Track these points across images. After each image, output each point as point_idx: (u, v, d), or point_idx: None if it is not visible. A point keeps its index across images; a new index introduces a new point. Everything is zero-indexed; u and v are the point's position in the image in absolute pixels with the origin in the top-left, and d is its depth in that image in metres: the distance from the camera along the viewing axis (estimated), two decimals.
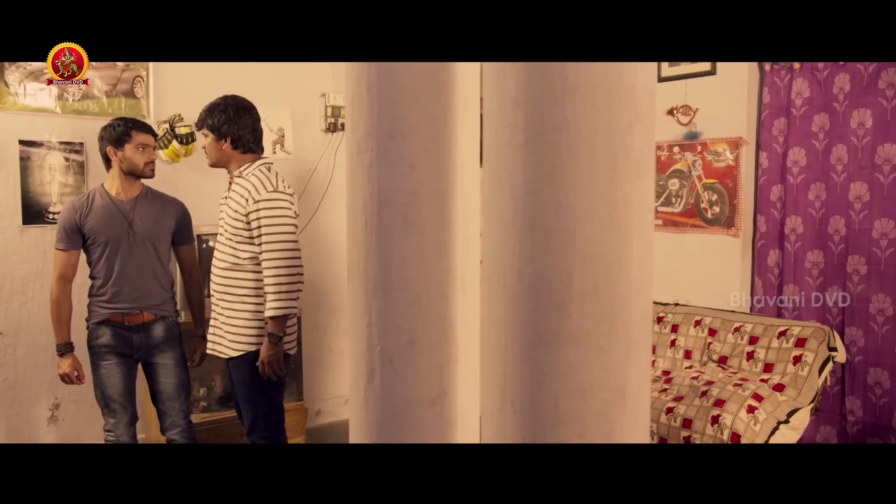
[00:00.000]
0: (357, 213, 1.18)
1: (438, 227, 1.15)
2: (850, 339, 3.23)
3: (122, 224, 2.76)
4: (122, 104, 3.43)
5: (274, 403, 2.74)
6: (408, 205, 1.14)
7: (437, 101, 1.14)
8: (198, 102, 2.78)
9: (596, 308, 0.90)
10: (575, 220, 0.89)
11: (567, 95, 0.88)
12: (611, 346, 0.91)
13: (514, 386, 0.94)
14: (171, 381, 2.83)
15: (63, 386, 3.37)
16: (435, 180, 1.14)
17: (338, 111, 4.00)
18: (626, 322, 0.92)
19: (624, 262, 0.91)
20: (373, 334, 1.18)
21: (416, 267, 1.15)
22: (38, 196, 3.29)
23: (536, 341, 0.92)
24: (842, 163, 3.19)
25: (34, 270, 3.27)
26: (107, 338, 2.77)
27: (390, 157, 1.14)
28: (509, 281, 0.93)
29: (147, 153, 2.75)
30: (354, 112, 1.18)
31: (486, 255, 0.98)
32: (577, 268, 0.90)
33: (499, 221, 0.94)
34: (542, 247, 0.90)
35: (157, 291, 2.86)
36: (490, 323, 0.98)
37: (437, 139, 1.14)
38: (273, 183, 2.60)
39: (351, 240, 1.21)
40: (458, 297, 1.17)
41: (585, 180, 0.89)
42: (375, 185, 1.15)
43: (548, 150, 0.89)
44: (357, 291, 1.19)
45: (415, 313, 1.15)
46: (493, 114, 0.95)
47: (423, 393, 1.17)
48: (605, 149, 0.89)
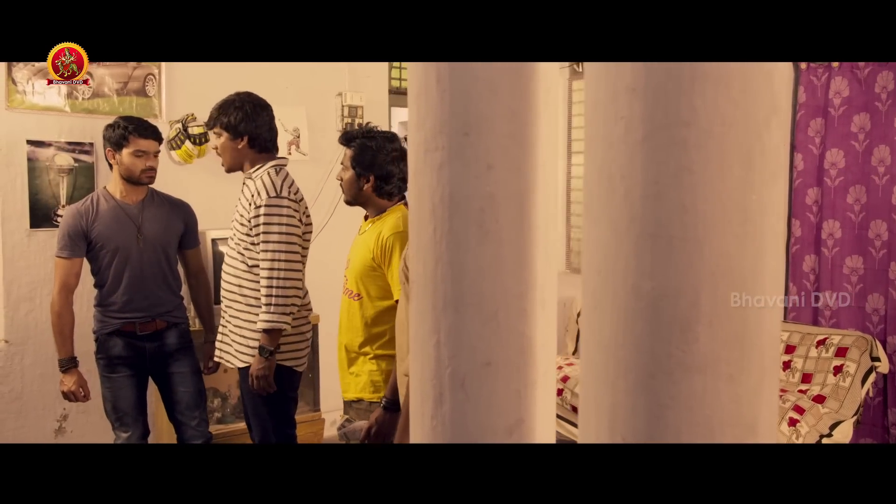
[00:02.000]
0: (424, 219, 1.05)
1: (517, 235, 1.02)
2: (893, 349, 3.10)
3: (131, 229, 2.62)
4: (133, 103, 3.30)
5: (285, 417, 2.64)
6: (484, 209, 1.01)
7: (516, 91, 1.01)
8: (211, 101, 2.66)
9: (727, 330, 0.77)
10: (704, 229, 0.77)
11: (696, 82, 0.75)
12: (741, 375, 0.79)
13: (626, 420, 0.81)
14: (188, 389, 2.71)
15: None
16: (514, 182, 1.01)
17: (354, 111, 3.87)
18: (758, 347, 0.79)
19: (758, 277, 0.78)
20: (442, 355, 1.05)
21: (493, 279, 1.02)
22: (47, 198, 3.16)
23: (656, 369, 0.79)
24: (884, 164, 3.07)
25: (42, 276, 3.14)
26: (119, 349, 2.64)
27: (464, 156, 1.01)
28: (622, 298, 0.80)
29: (145, 160, 2.61)
30: (421, 105, 1.05)
31: (590, 268, 0.85)
32: (705, 283, 0.77)
33: (609, 229, 0.82)
34: (664, 259, 0.77)
35: (168, 298, 2.74)
36: (595, 347, 0.85)
37: (516, 135, 1.01)
38: (277, 187, 2.48)
39: (416, 249, 1.08)
40: (537, 313, 1.05)
41: (717, 182, 0.76)
42: (446, 188, 1.02)
43: (672, 147, 0.76)
44: (423, 307, 1.06)
45: (491, 331, 1.02)
46: (602, 104, 0.82)
47: (499, 421, 1.04)
48: (739, 145, 0.76)
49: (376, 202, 2.36)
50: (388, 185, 2.34)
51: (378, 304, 2.30)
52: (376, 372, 2.31)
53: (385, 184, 2.33)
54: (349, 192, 2.39)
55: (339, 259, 3.85)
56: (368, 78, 4.01)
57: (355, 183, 2.35)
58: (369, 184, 2.33)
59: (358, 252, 2.36)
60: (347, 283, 2.40)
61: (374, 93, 4.05)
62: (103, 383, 2.66)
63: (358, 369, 2.35)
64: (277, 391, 2.50)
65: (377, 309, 2.31)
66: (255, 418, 2.56)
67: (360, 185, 2.34)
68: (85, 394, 2.63)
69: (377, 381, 2.30)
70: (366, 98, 3.94)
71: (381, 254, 2.25)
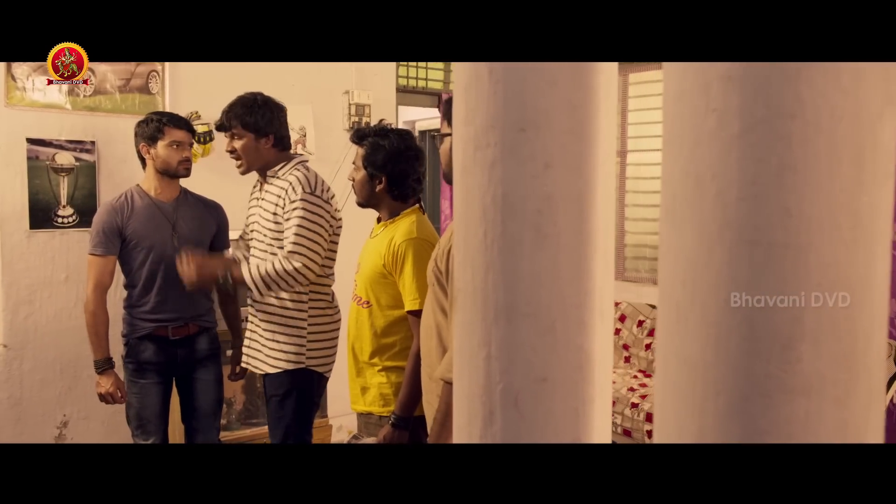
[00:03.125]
0: (473, 222, 0.97)
1: (576, 239, 0.94)
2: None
3: (166, 227, 2.55)
4: (136, 100, 3.21)
5: (306, 423, 2.58)
6: (541, 211, 0.92)
7: (576, 83, 0.93)
8: (216, 99, 2.58)
9: (835, 348, 0.69)
10: (809, 235, 0.68)
11: (803, 70, 0.67)
12: (849, 398, 0.70)
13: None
14: (210, 397, 2.63)
15: (72, 403, 3.15)
16: (573, 181, 0.93)
17: (362, 110, 3.79)
18: (867, 366, 0.71)
19: (868, 288, 0.70)
20: (493, 369, 0.96)
21: (551, 287, 0.93)
22: (47, 199, 3.07)
23: (752, 391, 0.70)
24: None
25: (42, 278, 3.05)
26: (150, 353, 2.56)
27: (519, 154, 0.92)
28: (713, 313, 0.72)
29: (181, 151, 2.54)
30: (470, 98, 0.97)
31: (672, 279, 0.77)
32: (810, 296, 0.69)
33: (697, 234, 0.73)
34: (764, 269, 0.69)
35: (201, 300, 2.67)
36: (678, 365, 0.76)
37: (577, 131, 0.93)
38: (312, 184, 2.41)
39: (464, 255, 0.99)
40: (596, 324, 0.96)
41: (824, 181, 0.68)
42: (499, 188, 0.94)
43: (776, 143, 0.68)
44: (471, 317, 0.98)
45: (548, 344, 0.94)
46: (689, 96, 0.74)
47: (555, 441, 0.96)
48: (849, 141, 0.68)
49: (390, 204, 2.26)
50: (402, 187, 2.24)
51: (388, 314, 2.20)
52: (386, 384, 2.22)
53: (398, 185, 2.23)
54: (361, 193, 2.29)
55: (349, 262, 3.76)
56: (376, 76, 3.93)
57: (367, 183, 2.25)
58: (382, 185, 2.23)
59: (369, 257, 2.26)
60: (357, 289, 2.30)
61: (382, 91, 3.96)
62: (130, 388, 2.56)
63: (366, 381, 2.25)
64: (306, 396, 2.45)
65: (387, 319, 2.20)
66: (279, 421, 2.49)
67: (373, 186, 2.24)
68: (123, 395, 2.55)
69: (387, 393, 2.21)
70: (373, 96, 3.85)
71: (392, 261, 2.14)
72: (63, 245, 3.06)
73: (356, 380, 2.28)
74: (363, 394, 2.25)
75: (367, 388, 2.24)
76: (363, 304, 2.25)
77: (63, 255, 3.08)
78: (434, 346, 1.75)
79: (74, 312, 3.07)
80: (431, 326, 1.77)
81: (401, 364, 2.16)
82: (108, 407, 3.20)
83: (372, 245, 2.28)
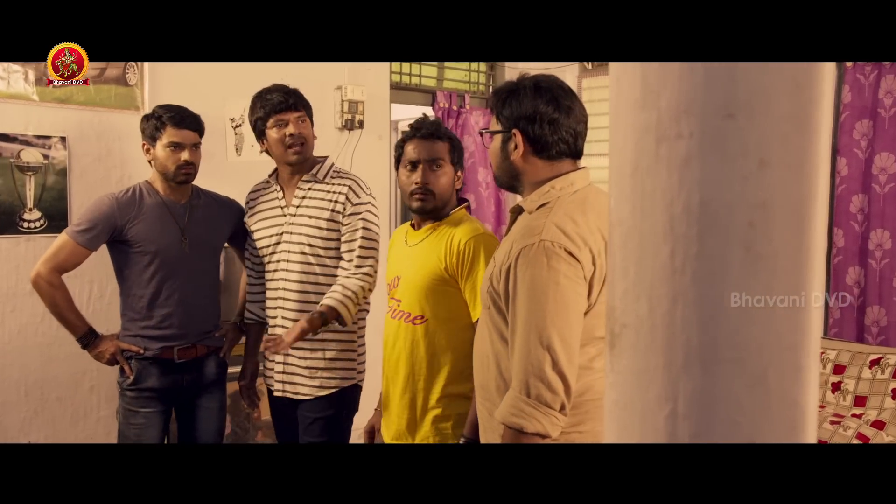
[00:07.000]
0: (653, 238, 0.73)
1: (793, 262, 0.72)
2: None
3: (175, 232, 2.25)
4: (112, 92, 2.90)
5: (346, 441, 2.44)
6: (753, 225, 0.70)
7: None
8: (200, 92, 2.32)
9: None
10: None
11: None
12: None
13: None
14: (212, 426, 2.35)
15: (38, 429, 2.83)
16: (793, 185, 0.71)
17: (355, 106, 3.54)
18: None
19: None
20: (679, 431, 0.73)
21: (764, 326, 0.71)
22: (11, 201, 2.74)
23: None
24: None
25: (4, 290, 2.73)
26: (153, 380, 2.26)
27: (725, 148, 0.70)
28: None
29: (180, 153, 2.24)
30: (650, 73, 0.73)
31: None
32: None
33: None
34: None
35: (210, 316, 2.38)
36: None
37: (799, 119, 0.70)
38: (365, 189, 2.30)
39: (634, 280, 0.76)
40: (812, 372, 0.74)
41: None
42: (695, 193, 0.71)
43: None
44: (647, 363, 0.74)
45: (757, 399, 0.71)
46: None
47: None
48: None
49: (452, 202, 2.00)
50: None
51: (450, 328, 1.90)
52: (441, 417, 1.91)
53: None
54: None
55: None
56: (369, 71, 3.68)
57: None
58: (459, 180, 2.02)
59: (417, 265, 1.95)
60: (402, 305, 1.97)
61: (375, 87, 3.71)
62: (126, 417, 2.24)
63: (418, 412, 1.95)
64: (351, 413, 2.34)
65: (450, 333, 1.90)
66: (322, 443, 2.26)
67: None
68: (130, 354, 2.26)
69: (444, 427, 1.91)
70: (367, 92, 3.60)
71: (457, 262, 1.87)
72: (29, 253, 2.72)
73: (403, 411, 1.95)
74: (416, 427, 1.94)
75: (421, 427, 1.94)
76: (415, 320, 1.94)
77: (28, 264, 2.74)
78: (493, 378, 1.51)
79: (41, 328, 2.74)
80: (488, 355, 1.52)
81: (464, 391, 1.86)
82: (80, 433, 2.87)
83: (418, 252, 1.97)
